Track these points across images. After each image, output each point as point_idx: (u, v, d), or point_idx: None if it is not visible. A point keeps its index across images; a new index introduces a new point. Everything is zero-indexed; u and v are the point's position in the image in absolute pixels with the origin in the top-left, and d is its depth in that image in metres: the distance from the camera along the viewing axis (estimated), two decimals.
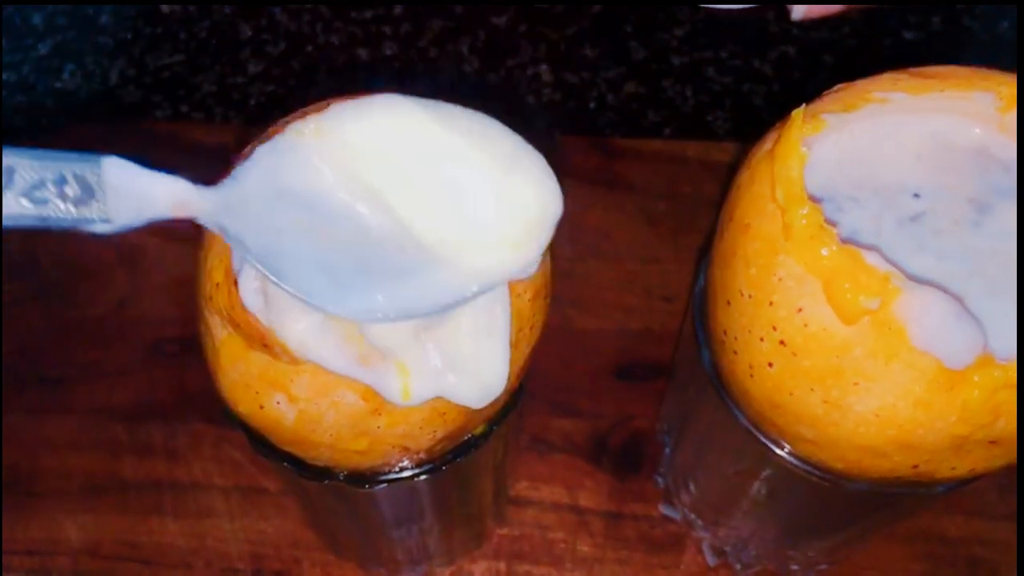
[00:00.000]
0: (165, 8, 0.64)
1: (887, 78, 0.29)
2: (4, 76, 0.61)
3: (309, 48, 0.63)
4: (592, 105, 0.60)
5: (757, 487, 0.37)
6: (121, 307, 0.51)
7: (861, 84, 0.30)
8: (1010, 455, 0.29)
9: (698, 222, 0.53)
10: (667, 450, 0.45)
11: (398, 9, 0.64)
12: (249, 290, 0.26)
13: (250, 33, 0.63)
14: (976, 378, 0.26)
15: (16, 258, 0.52)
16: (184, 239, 0.30)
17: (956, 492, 0.45)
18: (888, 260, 0.27)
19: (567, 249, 0.52)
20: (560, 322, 0.50)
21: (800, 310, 0.27)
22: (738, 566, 0.43)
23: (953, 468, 0.29)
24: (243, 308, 0.26)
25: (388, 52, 0.62)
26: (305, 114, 0.27)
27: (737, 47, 0.63)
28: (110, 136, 0.56)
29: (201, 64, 0.62)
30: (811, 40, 0.63)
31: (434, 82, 0.61)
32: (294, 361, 0.27)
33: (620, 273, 0.52)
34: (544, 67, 0.62)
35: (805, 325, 0.27)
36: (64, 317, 0.50)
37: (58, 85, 0.61)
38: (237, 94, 0.61)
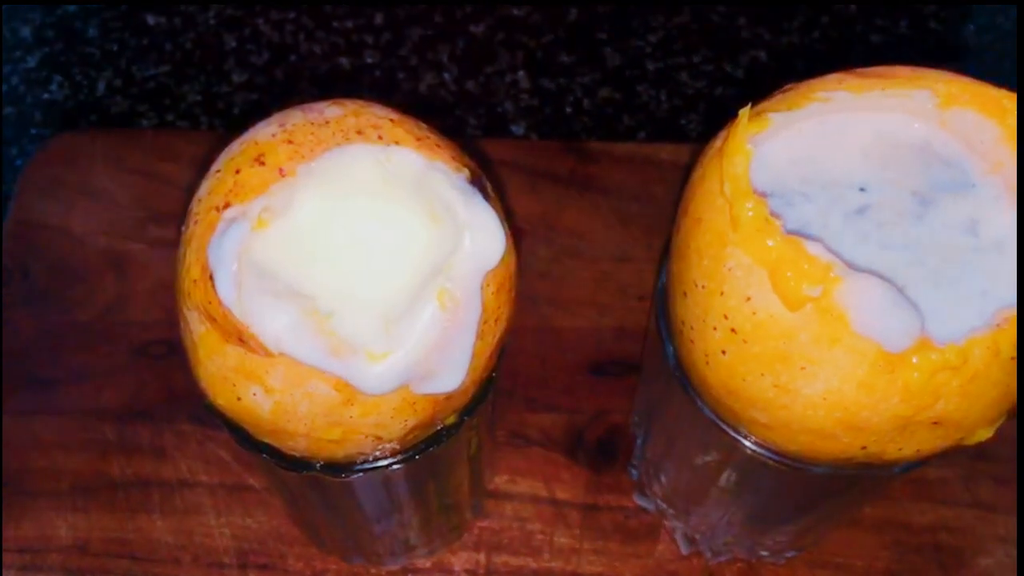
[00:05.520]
0: (151, 20, 0.66)
1: (831, 78, 0.31)
2: None
3: (292, 57, 0.64)
4: (568, 110, 0.62)
5: (723, 475, 0.38)
6: (109, 311, 0.52)
7: (806, 84, 0.31)
8: (952, 436, 0.30)
9: (670, 225, 0.54)
10: (639, 442, 0.46)
11: (379, 19, 0.66)
12: (225, 286, 0.27)
13: (234, 44, 0.65)
14: (915, 360, 0.27)
15: (7, 264, 0.53)
16: (170, 244, 0.31)
17: (921, 482, 0.47)
18: (833, 251, 0.28)
19: (543, 250, 0.54)
20: (536, 321, 0.52)
21: (749, 299, 0.28)
22: (709, 553, 0.45)
23: (900, 449, 0.30)
24: (219, 303, 0.28)
25: (369, 60, 0.64)
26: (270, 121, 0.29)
27: (710, 52, 0.64)
28: (98, 146, 0.57)
29: (186, 74, 0.64)
30: (781, 45, 0.65)
31: (414, 89, 0.63)
32: (268, 354, 0.28)
33: (595, 273, 0.53)
34: (521, 74, 0.63)
35: (754, 313, 0.28)
36: (54, 321, 0.52)
37: (46, 96, 0.63)
38: (222, 103, 0.62)
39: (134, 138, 0.59)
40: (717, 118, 0.61)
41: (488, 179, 0.32)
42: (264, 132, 0.30)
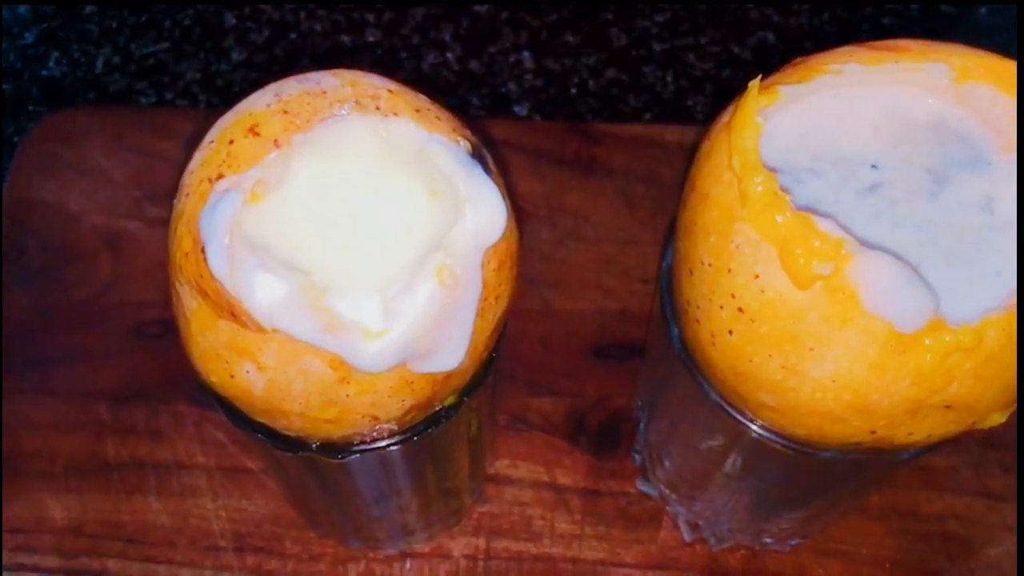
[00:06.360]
0: None
1: (843, 51, 0.30)
2: None
3: (292, 35, 0.63)
4: (573, 91, 0.61)
5: (728, 460, 0.38)
6: (105, 291, 0.51)
7: (817, 57, 0.30)
8: (965, 420, 0.29)
9: (675, 205, 0.53)
10: (642, 427, 0.45)
11: None
12: (216, 259, 0.27)
13: (234, 21, 0.64)
14: (928, 342, 0.26)
15: (2, 243, 0.52)
16: (166, 224, 0.31)
17: (929, 469, 0.46)
18: (844, 229, 0.27)
19: (546, 232, 0.53)
20: (539, 304, 0.51)
21: (757, 277, 0.28)
22: (713, 540, 0.44)
23: (910, 433, 0.29)
24: (211, 277, 0.27)
25: (371, 39, 0.63)
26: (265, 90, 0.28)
27: (717, 33, 0.63)
28: (95, 123, 0.56)
29: (185, 52, 0.63)
30: (790, 26, 0.64)
31: (417, 68, 0.62)
32: (261, 330, 0.27)
33: (598, 255, 0.52)
34: (526, 54, 0.62)
35: (762, 291, 0.28)
36: (49, 300, 0.51)
37: (44, 73, 0.62)
38: (221, 81, 0.61)
39: (132, 116, 0.58)
40: (724, 100, 0.60)
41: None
42: (259, 102, 0.29)
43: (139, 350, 0.49)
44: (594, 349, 0.50)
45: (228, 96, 0.60)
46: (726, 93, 0.60)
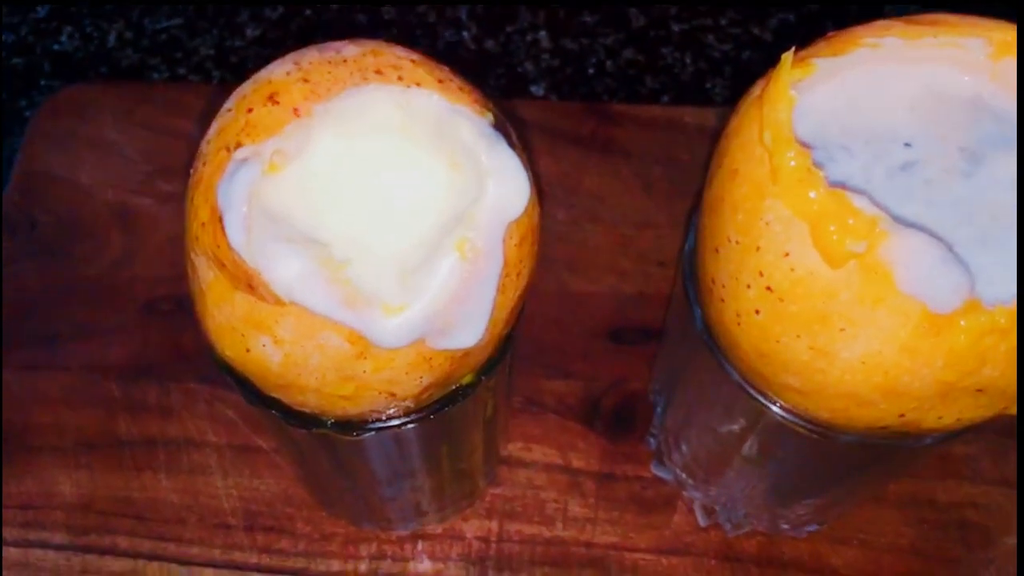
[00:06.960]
0: None
1: (879, 25, 0.29)
2: (2, 38, 0.61)
3: (307, 12, 0.62)
4: (591, 71, 0.60)
5: (747, 444, 0.37)
6: (116, 266, 0.51)
7: (853, 30, 0.29)
8: (996, 405, 0.29)
9: (693, 188, 0.52)
10: (658, 410, 0.45)
11: None
12: (234, 229, 0.26)
13: None
14: (962, 323, 0.26)
15: (13, 217, 0.52)
16: (178, 199, 0.30)
17: (948, 457, 0.45)
18: (877, 207, 0.26)
19: (562, 213, 0.52)
20: (554, 285, 0.50)
21: (787, 255, 0.27)
22: (728, 526, 0.43)
23: (940, 417, 0.29)
24: (228, 248, 0.26)
25: (386, 17, 0.62)
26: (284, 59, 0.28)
27: (737, 14, 0.62)
28: (107, 98, 0.56)
29: (199, 27, 0.62)
30: (812, 7, 0.63)
31: (432, 47, 0.61)
32: (279, 303, 0.27)
33: (615, 237, 0.52)
34: (543, 33, 0.62)
35: (792, 270, 0.27)
36: (60, 276, 0.50)
37: (56, 47, 0.61)
38: (234, 57, 0.61)
39: (144, 91, 0.57)
40: (743, 82, 0.60)
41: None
42: (278, 70, 0.28)
43: (150, 327, 0.49)
44: (609, 332, 0.49)
45: (241, 72, 0.60)
46: (745, 75, 0.60)
